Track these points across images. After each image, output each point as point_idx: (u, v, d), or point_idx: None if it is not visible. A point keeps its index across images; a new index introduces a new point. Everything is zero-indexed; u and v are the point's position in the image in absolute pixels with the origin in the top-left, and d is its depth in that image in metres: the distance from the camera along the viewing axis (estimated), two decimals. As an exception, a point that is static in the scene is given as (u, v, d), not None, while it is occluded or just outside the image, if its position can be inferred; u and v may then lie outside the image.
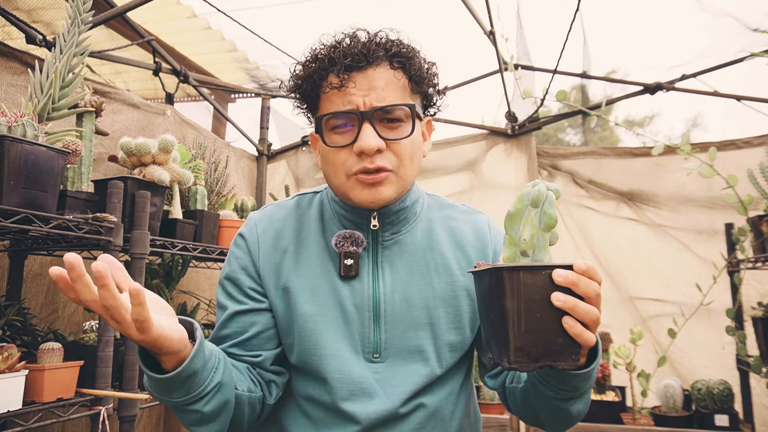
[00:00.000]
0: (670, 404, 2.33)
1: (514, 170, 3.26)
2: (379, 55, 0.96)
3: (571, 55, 3.05)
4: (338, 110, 0.97)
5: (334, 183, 1.02)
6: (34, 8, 2.53)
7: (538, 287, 0.74)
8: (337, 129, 0.99)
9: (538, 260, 0.80)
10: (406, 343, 1.02)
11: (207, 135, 2.95)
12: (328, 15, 2.99)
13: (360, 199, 0.99)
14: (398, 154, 0.98)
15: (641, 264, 3.04)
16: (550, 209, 0.78)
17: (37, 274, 2.00)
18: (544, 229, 0.79)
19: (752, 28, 2.55)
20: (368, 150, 0.95)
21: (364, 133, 0.95)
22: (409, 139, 0.99)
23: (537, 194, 0.79)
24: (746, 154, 2.84)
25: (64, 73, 1.57)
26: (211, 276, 2.93)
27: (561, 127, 11.13)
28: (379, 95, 0.96)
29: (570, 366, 0.76)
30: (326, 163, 1.02)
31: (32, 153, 1.40)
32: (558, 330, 0.75)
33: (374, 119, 0.96)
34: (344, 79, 0.95)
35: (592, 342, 0.75)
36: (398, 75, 0.99)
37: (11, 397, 1.37)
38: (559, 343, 0.75)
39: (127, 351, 1.71)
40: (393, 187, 1.00)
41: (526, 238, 0.79)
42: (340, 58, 0.95)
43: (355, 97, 0.96)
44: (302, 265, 1.06)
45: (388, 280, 1.04)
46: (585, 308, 0.74)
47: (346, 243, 1.04)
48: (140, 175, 1.88)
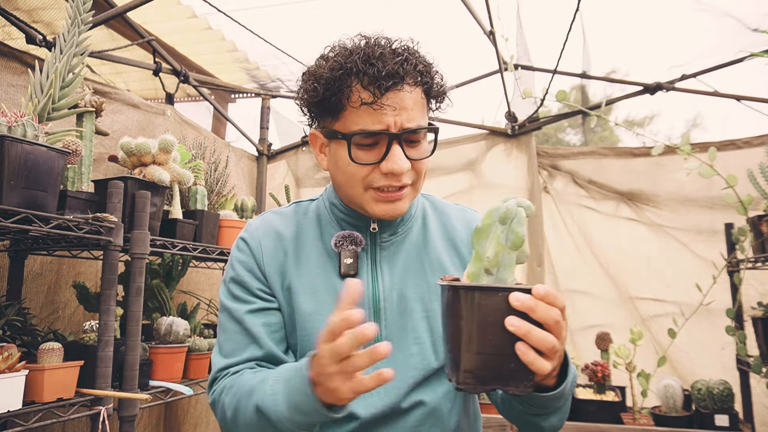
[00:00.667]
0: (670, 404, 2.33)
1: (514, 170, 3.27)
2: (409, 72, 0.97)
3: (571, 55, 3.05)
4: (370, 129, 0.96)
5: (349, 193, 1.04)
6: (34, 8, 2.53)
7: (494, 309, 0.71)
8: (364, 146, 0.99)
9: (502, 279, 0.77)
10: (404, 337, 1.04)
11: (207, 135, 2.95)
12: (328, 15, 2.99)
13: (378, 213, 1.02)
14: (418, 171, 1.03)
15: (641, 264, 3.05)
16: (519, 227, 0.75)
17: (37, 274, 2.00)
18: (511, 247, 0.76)
19: (752, 28, 2.55)
20: (399, 173, 0.98)
21: (394, 155, 0.97)
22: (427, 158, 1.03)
23: (505, 211, 0.76)
24: (746, 154, 2.84)
25: (64, 73, 1.57)
26: (211, 276, 2.93)
27: (561, 127, 11.13)
28: (409, 116, 0.97)
29: (521, 392, 0.73)
30: (343, 173, 1.02)
31: (32, 153, 1.40)
32: (511, 354, 0.71)
33: (401, 138, 0.98)
34: (377, 97, 0.94)
35: (545, 371, 0.71)
36: (421, 94, 1.00)
37: (11, 397, 1.37)
38: (510, 368, 0.72)
39: (127, 351, 1.71)
40: (408, 201, 1.04)
41: (489, 255, 0.76)
42: (375, 75, 0.93)
43: (387, 117, 0.96)
44: (302, 266, 1.07)
45: (387, 278, 1.07)
46: (540, 335, 0.70)
47: (346, 242, 1.07)
48: (140, 175, 1.88)
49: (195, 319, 2.29)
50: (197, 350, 2.10)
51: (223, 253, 2.22)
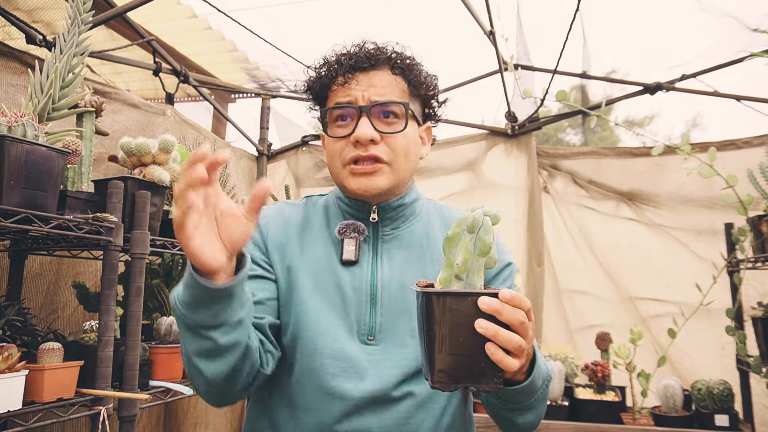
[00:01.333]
0: (670, 404, 2.33)
1: (514, 170, 3.26)
2: (380, 59, 1.08)
3: (571, 55, 3.05)
4: (340, 101, 1.07)
5: (333, 173, 1.12)
6: (34, 8, 2.53)
7: (464, 313, 0.77)
8: (338, 122, 1.09)
9: (471, 284, 0.82)
10: (400, 327, 1.06)
11: (207, 135, 2.95)
12: (328, 15, 2.99)
13: (353, 188, 1.08)
14: (393, 147, 1.08)
15: (641, 264, 3.04)
16: (485, 235, 0.80)
17: (37, 274, 2.00)
18: (479, 254, 0.81)
19: (752, 28, 2.55)
20: (362, 138, 1.04)
21: (360, 125, 1.05)
22: (402, 134, 1.08)
23: (472, 220, 0.81)
24: (746, 154, 2.84)
25: (64, 73, 1.57)
26: (211, 276, 2.93)
27: (561, 127, 11.13)
28: (378, 92, 1.07)
29: (491, 388, 0.79)
30: (328, 153, 1.13)
31: (32, 153, 1.40)
32: (481, 354, 0.77)
33: (372, 114, 1.06)
34: (348, 78, 1.07)
35: (513, 368, 0.77)
36: (398, 79, 1.09)
37: (11, 397, 1.37)
38: (481, 366, 0.77)
39: (127, 351, 1.71)
40: (386, 179, 1.08)
41: (459, 262, 0.81)
42: (347, 60, 1.07)
43: (355, 92, 1.07)
44: (306, 250, 1.13)
45: (386, 268, 1.10)
46: (506, 336, 0.76)
47: (348, 230, 1.12)
48: (140, 175, 1.88)
49: (195, 319, 2.29)
50: (197, 350, 2.10)
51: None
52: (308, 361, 1.05)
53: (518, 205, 3.22)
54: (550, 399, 2.44)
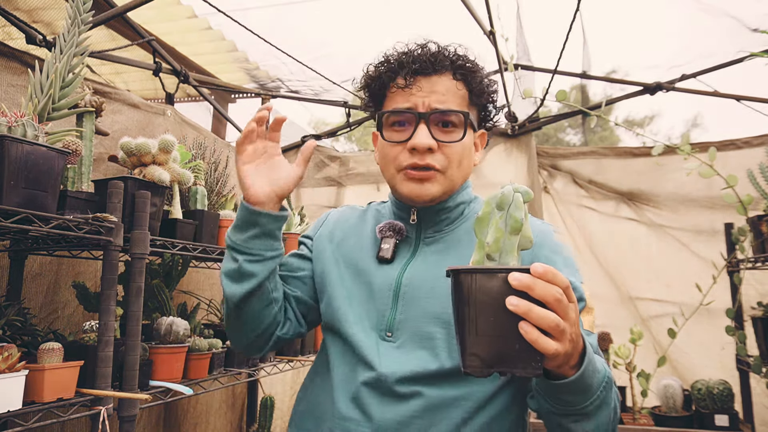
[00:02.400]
0: (670, 404, 2.33)
1: (514, 170, 3.27)
2: (445, 65, 1.07)
3: (571, 55, 3.05)
4: (399, 107, 1.07)
5: (386, 176, 1.14)
6: (34, 8, 2.53)
7: (494, 291, 0.72)
8: (395, 126, 1.09)
9: (504, 263, 0.77)
10: (419, 329, 1.04)
11: (207, 135, 2.95)
12: (328, 15, 2.99)
13: (406, 192, 1.09)
14: (448, 156, 1.07)
15: (641, 264, 3.05)
16: (516, 212, 0.76)
17: (37, 273, 2.00)
18: (511, 232, 0.77)
19: (752, 28, 2.55)
20: (420, 147, 1.04)
21: (419, 132, 1.04)
22: (459, 144, 1.07)
23: (502, 197, 0.78)
24: (746, 154, 2.84)
25: (64, 73, 1.57)
26: (211, 276, 2.93)
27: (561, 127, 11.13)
28: (439, 99, 1.06)
29: (529, 374, 0.72)
30: (382, 156, 1.14)
31: (32, 153, 1.40)
32: (515, 336, 0.71)
33: (430, 121, 1.05)
34: (410, 82, 1.06)
35: (551, 349, 0.70)
36: (459, 86, 1.08)
37: (11, 397, 1.37)
38: (516, 349, 0.72)
39: (127, 351, 1.71)
40: (439, 186, 1.08)
41: (489, 241, 0.77)
42: (409, 63, 1.06)
43: (416, 98, 1.06)
44: (350, 245, 1.19)
45: (418, 268, 1.10)
46: (540, 313, 0.70)
47: (385, 229, 1.15)
48: (140, 175, 1.88)
49: (195, 319, 2.29)
50: (197, 350, 2.10)
51: (222, 253, 2.22)
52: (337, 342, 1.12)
53: (518, 205, 3.21)
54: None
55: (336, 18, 3.02)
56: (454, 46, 1.09)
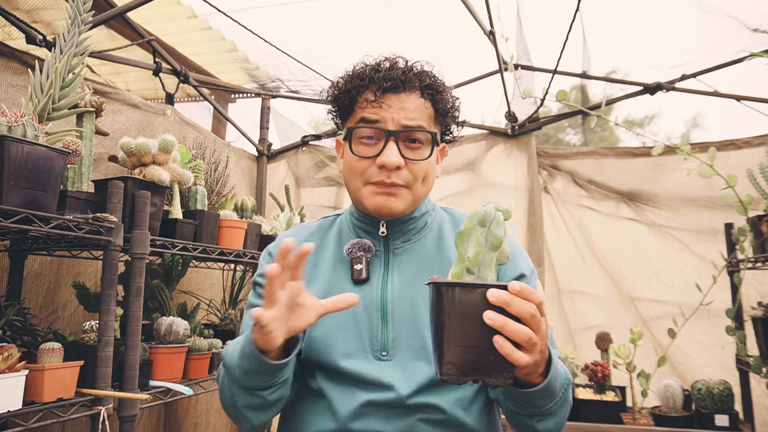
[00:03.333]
0: (670, 404, 2.33)
1: (514, 170, 3.26)
2: (414, 84, 1.08)
3: (571, 55, 3.05)
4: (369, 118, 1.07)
5: (352, 188, 1.13)
6: (34, 8, 2.53)
7: (472, 304, 0.77)
8: (365, 140, 1.09)
9: (483, 278, 0.82)
10: (413, 342, 1.07)
11: (207, 135, 2.95)
12: (328, 15, 2.99)
13: (372, 206, 1.09)
14: (414, 172, 1.09)
15: (641, 264, 3.05)
16: (497, 229, 0.81)
17: (37, 273, 2.00)
18: (490, 248, 0.81)
19: (752, 28, 2.55)
20: (390, 165, 1.05)
21: (388, 150, 1.06)
22: (425, 162, 1.10)
23: (484, 214, 0.82)
24: (746, 154, 2.84)
25: (64, 73, 1.57)
26: (212, 276, 2.93)
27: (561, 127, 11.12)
28: (408, 116, 1.07)
29: (501, 383, 0.78)
30: (348, 168, 1.12)
31: (32, 153, 1.40)
32: (490, 347, 0.76)
33: (399, 138, 1.07)
34: (379, 98, 1.06)
35: (523, 361, 0.76)
36: (427, 105, 1.10)
37: (11, 397, 1.37)
38: (490, 360, 0.77)
39: (127, 351, 1.71)
40: (404, 202, 1.10)
41: (470, 256, 0.82)
42: (380, 80, 1.06)
43: (385, 114, 1.07)
44: (318, 272, 1.15)
45: (397, 283, 1.11)
46: (515, 328, 0.75)
47: (355, 249, 1.13)
48: (140, 175, 1.88)
49: (195, 319, 2.29)
50: (197, 350, 2.10)
51: (223, 253, 2.22)
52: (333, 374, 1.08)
53: (518, 205, 3.22)
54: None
55: (336, 18, 3.02)
56: (421, 63, 1.11)
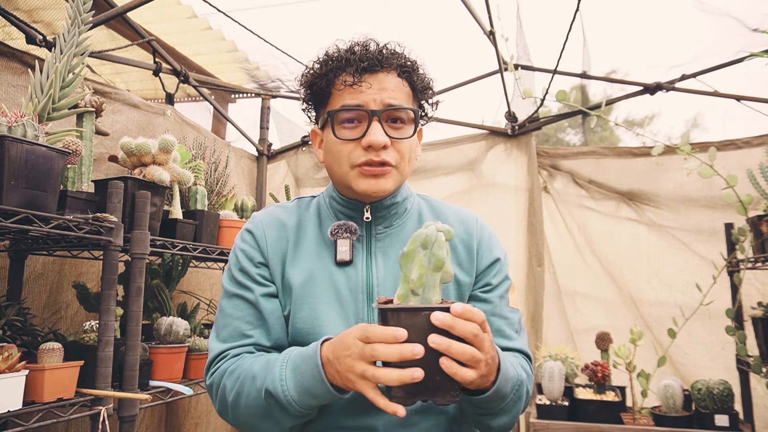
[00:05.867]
0: (670, 404, 2.33)
1: (514, 170, 3.26)
2: (391, 63, 1.07)
3: (571, 55, 3.05)
4: (350, 104, 1.05)
5: (338, 173, 1.10)
6: (35, 8, 2.53)
7: (417, 328, 0.79)
8: (346, 123, 1.07)
9: (427, 299, 0.84)
10: None
11: (207, 135, 2.95)
12: (328, 15, 2.99)
13: (362, 189, 1.07)
14: (400, 151, 1.08)
15: (641, 264, 3.04)
16: (439, 251, 0.83)
17: (39, 274, 2.00)
18: (433, 269, 0.83)
19: (752, 28, 2.55)
20: (377, 145, 1.04)
21: (373, 129, 1.05)
22: (409, 140, 1.10)
23: (425, 237, 0.83)
24: (746, 154, 2.84)
25: (64, 73, 1.57)
26: (212, 276, 2.93)
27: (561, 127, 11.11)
28: (390, 95, 1.06)
29: (448, 401, 0.81)
30: (331, 154, 1.10)
31: (32, 153, 1.40)
32: (436, 368, 0.79)
33: (382, 118, 1.06)
34: (358, 79, 1.05)
35: (469, 379, 0.79)
36: (404, 83, 1.10)
37: (11, 397, 1.37)
38: (437, 380, 0.79)
39: (127, 351, 1.71)
40: (393, 181, 1.09)
41: (414, 278, 0.84)
42: (356, 60, 1.05)
43: (366, 96, 1.05)
44: (300, 254, 1.12)
45: (381, 267, 1.11)
46: (459, 349, 0.79)
47: (341, 231, 1.12)
48: (140, 175, 1.88)
49: (195, 319, 2.29)
50: (197, 350, 2.10)
51: (223, 253, 2.22)
52: None
53: (518, 205, 3.22)
54: (550, 399, 2.44)
55: (336, 18, 3.02)
56: (393, 44, 1.10)
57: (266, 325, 1.08)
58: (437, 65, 1.15)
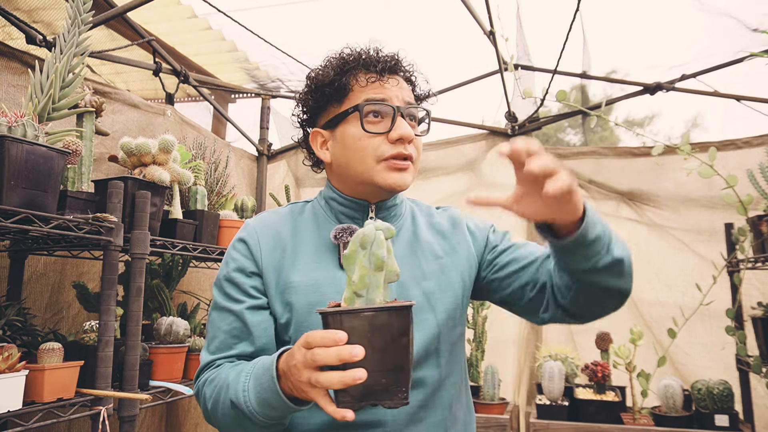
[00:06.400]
0: (670, 404, 2.33)
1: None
2: (402, 67, 1.15)
3: (571, 55, 3.05)
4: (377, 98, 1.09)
5: (358, 169, 1.10)
6: (34, 8, 2.53)
7: (359, 330, 0.77)
8: (370, 117, 1.09)
9: (371, 300, 0.82)
10: None
11: (207, 135, 2.95)
12: (328, 15, 2.99)
13: (389, 182, 1.09)
14: (418, 148, 1.13)
15: (642, 264, 3.04)
16: (378, 250, 0.81)
17: (41, 274, 2.00)
18: (375, 269, 0.82)
19: (752, 28, 2.55)
20: (407, 137, 1.08)
21: (402, 123, 1.08)
22: (420, 138, 1.15)
23: (363, 236, 0.82)
24: (746, 154, 2.84)
25: (64, 73, 1.57)
26: (212, 276, 2.93)
27: (561, 127, 11.11)
28: (407, 95, 1.13)
29: (396, 405, 0.78)
30: (353, 149, 1.10)
31: (32, 153, 1.40)
32: (380, 370, 0.77)
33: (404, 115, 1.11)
34: (383, 77, 1.10)
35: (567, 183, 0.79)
36: (410, 88, 1.17)
37: (11, 397, 1.37)
38: (382, 383, 0.77)
39: (127, 351, 1.71)
40: (411, 176, 1.12)
41: (355, 279, 0.82)
42: (377, 60, 1.11)
43: (390, 92, 1.10)
44: (301, 261, 1.11)
45: None
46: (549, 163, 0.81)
47: (345, 234, 1.11)
48: (140, 175, 1.88)
49: (195, 319, 2.29)
50: (197, 350, 2.10)
51: (223, 253, 2.22)
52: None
53: (518, 205, 3.21)
54: (550, 399, 2.44)
55: (336, 18, 3.02)
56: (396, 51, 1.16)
57: (251, 337, 1.08)
58: (437, 65, 1.17)
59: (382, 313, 0.78)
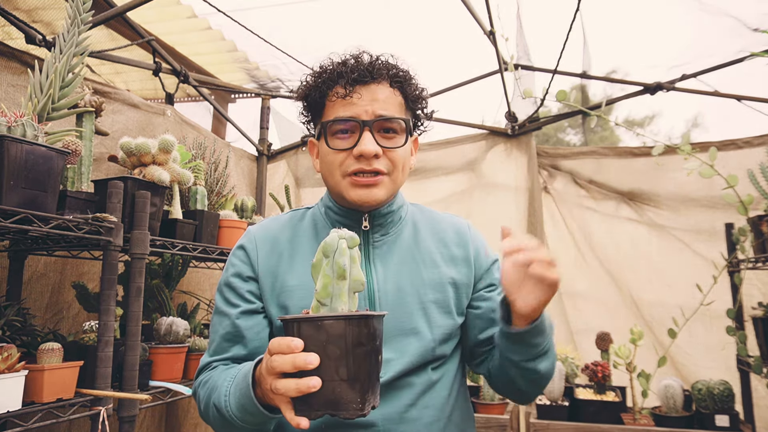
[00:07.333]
0: (671, 404, 2.33)
1: (514, 170, 3.26)
2: (382, 74, 1.09)
3: (571, 55, 3.05)
4: (342, 116, 1.07)
5: (330, 182, 1.13)
6: (34, 8, 2.53)
7: (316, 338, 0.77)
8: (339, 134, 1.09)
9: (334, 308, 0.82)
10: (402, 324, 1.10)
11: (207, 135, 2.95)
12: (328, 15, 2.99)
13: (353, 198, 1.09)
14: (393, 160, 1.10)
15: (642, 264, 3.04)
16: (341, 258, 0.81)
17: (41, 274, 2.00)
18: (337, 278, 0.81)
19: (752, 28, 2.55)
20: (367, 153, 1.06)
21: (364, 139, 1.06)
22: (402, 149, 1.11)
23: (325, 245, 0.82)
24: (746, 154, 2.84)
25: (63, 73, 1.56)
26: (212, 276, 2.93)
27: (561, 127, 11.13)
28: (381, 106, 1.08)
29: (352, 416, 0.78)
30: (325, 164, 1.13)
31: (32, 153, 1.40)
32: (335, 380, 0.77)
33: (374, 128, 1.08)
34: (350, 91, 1.07)
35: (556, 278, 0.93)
36: (396, 93, 1.12)
37: (11, 398, 1.37)
38: (337, 392, 0.77)
39: (127, 351, 1.71)
40: (385, 190, 1.11)
41: (318, 288, 0.82)
42: (348, 73, 1.08)
43: (358, 107, 1.07)
44: (297, 267, 1.13)
45: (381, 273, 1.13)
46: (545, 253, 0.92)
47: None
48: (140, 175, 1.88)
49: (195, 319, 2.29)
50: (197, 350, 2.10)
51: (223, 253, 2.22)
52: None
53: (518, 205, 3.22)
54: (550, 399, 2.44)
55: (336, 18, 3.02)
56: (386, 56, 1.12)
57: (244, 340, 1.10)
58: (437, 65, 1.16)
59: (338, 322, 0.78)
